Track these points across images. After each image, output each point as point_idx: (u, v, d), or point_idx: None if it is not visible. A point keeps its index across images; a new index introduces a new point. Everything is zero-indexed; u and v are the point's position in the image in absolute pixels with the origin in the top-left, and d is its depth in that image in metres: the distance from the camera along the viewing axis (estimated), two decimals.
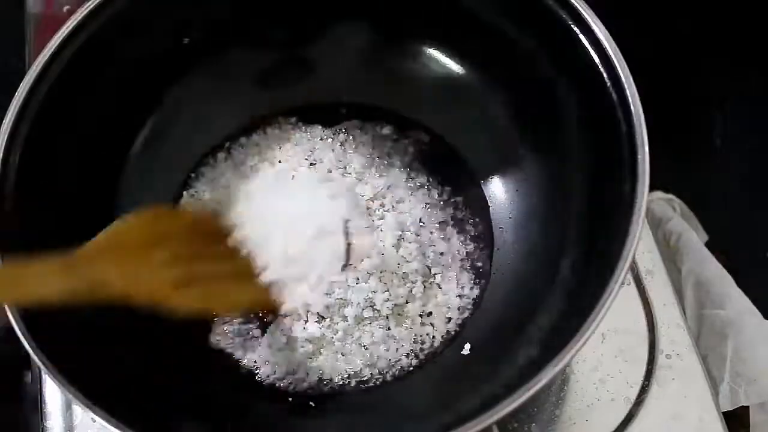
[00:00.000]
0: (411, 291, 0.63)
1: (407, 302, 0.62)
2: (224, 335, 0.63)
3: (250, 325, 0.63)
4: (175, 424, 0.54)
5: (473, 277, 0.65)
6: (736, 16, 1.23)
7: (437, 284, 0.64)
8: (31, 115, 0.57)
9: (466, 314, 0.63)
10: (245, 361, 0.62)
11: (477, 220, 0.67)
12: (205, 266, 0.57)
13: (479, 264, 0.65)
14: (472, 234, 0.67)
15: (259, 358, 0.62)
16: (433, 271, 0.64)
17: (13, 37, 0.83)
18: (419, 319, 0.62)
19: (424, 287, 0.63)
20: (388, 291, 0.62)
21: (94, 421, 0.58)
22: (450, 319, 0.63)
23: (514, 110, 0.68)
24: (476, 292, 0.64)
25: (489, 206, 0.68)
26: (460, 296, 0.63)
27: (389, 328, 0.62)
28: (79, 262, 0.51)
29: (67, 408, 0.63)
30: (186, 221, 0.59)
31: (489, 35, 0.65)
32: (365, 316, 0.61)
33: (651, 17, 1.23)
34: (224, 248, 0.60)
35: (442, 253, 0.65)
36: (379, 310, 0.62)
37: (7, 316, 0.51)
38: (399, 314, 0.62)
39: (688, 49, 1.27)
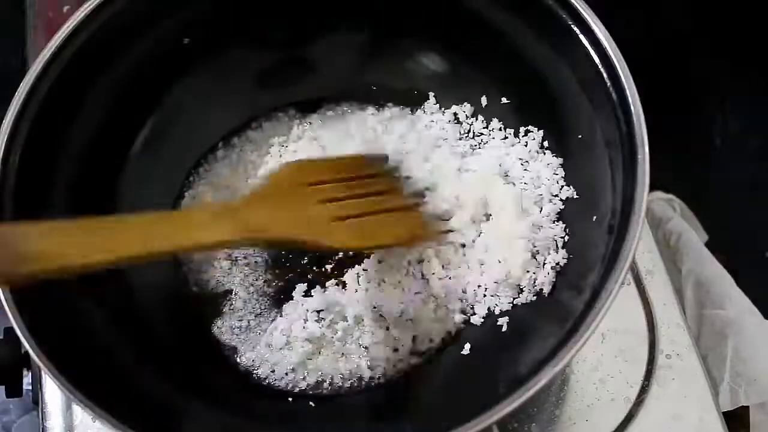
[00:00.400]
0: (411, 291, 0.63)
1: (408, 302, 0.62)
2: (223, 335, 0.63)
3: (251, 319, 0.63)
4: (175, 423, 0.54)
5: None
6: (736, 16, 1.23)
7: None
8: (31, 115, 0.57)
9: (467, 315, 0.63)
10: (245, 360, 0.62)
11: None
12: (360, 204, 0.58)
13: None
14: None
15: (259, 358, 0.62)
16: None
17: (13, 37, 0.83)
18: (419, 319, 0.62)
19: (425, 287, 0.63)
20: (389, 290, 0.62)
21: (94, 421, 0.58)
22: (450, 319, 0.63)
23: (513, 110, 0.68)
24: None
25: None
26: (461, 299, 0.63)
27: (389, 328, 0.62)
28: (240, 209, 0.53)
29: (67, 408, 0.63)
30: (334, 165, 0.61)
31: (488, 35, 0.65)
32: (365, 315, 0.61)
33: (651, 17, 1.23)
34: (378, 183, 0.61)
35: None
36: (379, 310, 0.62)
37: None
38: (399, 314, 0.62)
39: (689, 49, 1.27)
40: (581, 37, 0.57)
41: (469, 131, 0.70)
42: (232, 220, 0.52)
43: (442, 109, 0.71)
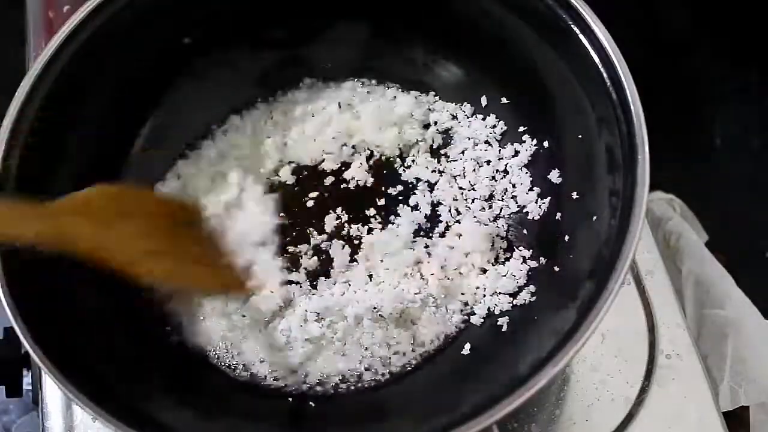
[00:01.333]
0: (411, 291, 0.63)
1: (408, 302, 0.62)
2: (223, 335, 0.63)
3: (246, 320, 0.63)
4: (176, 424, 0.54)
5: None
6: (736, 16, 1.23)
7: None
8: (31, 115, 0.57)
9: (467, 315, 0.63)
10: (245, 361, 0.62)
11: None
12: (173, 244, 0.59)
13: None
14: None
15: (259, 359, 0.62)
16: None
17: (13, 37, 0.83)
18: (419, 319, 0.62)
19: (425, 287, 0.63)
20: (388, 291, 0.63)
21: (94, 421, 0.58)
22: (450, 319, 0.63)
23: (513, 109, 0.68)
24: None
25: None
26: (460, 299, 0.63)
27: (389, 329, 0.62)
28: (56, 211, 0.54)
29: (67, 408, 0.63)
30: (153, 202, 0.62)
31: (488, 35, 0.65)
32: (365, 316, 0.61)
33: (651, 17, 1.23)
34: (194, 233, 0.63)
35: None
36: (379, 311, 0.62)
37: None
38: (399, 314, 0.62)
39: (689, 49, 1.27)
40: (581, 37, 0.57)
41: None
42: (47, 220, 0.53)
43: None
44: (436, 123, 0.71)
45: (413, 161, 0.69)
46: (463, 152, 0.69)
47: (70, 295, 0.57)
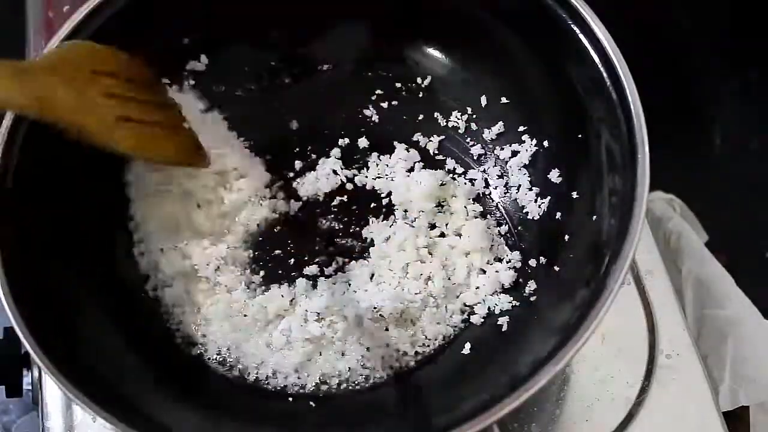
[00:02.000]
0: (412, 291, 0.63)
1: (408, 302, 0.62)
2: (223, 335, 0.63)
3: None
4: (176, 424, 0.54)
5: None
6: (736, 16, 1.23)
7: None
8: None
9: (467, 315, 0.63)
10: (245, 361, 0.62)
11: None
12: (140, 109, 0.58)
13: None
14: None
15: (259, 359, 0.62)
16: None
17: (13, 38, 0.83)
18: (419, 319, 0.62)
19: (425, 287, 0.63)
20: (389, 291, 0.63)
21: (94, 421, 0.58)
22: (450, 319, 0.63)
23: (512, 109, 0.68)
24: None
25: None
26: (460, 300, 0.63)
27: (389, 329, 0.62)
28: (31, 71, 0.52)
29: (67, 408, 0.63)
30: (122, 60, 0.59)
31: (488, 35, 0.66)
32: (365, 316, 0.61)
33: (650, 17, 1.23)
34: (156, 98, 0.61)
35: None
36: (379, 311, 0.62)
37: None
38: (399, 314, 0.62)
39: (689, 49, 1.27)
40: (581, 37, 0.57)
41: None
42: (22, 82, 0.51)
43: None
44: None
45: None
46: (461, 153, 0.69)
47: (70, 295, 0.57)
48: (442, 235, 0.66)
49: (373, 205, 0.68)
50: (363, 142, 0.70)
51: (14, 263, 0.53)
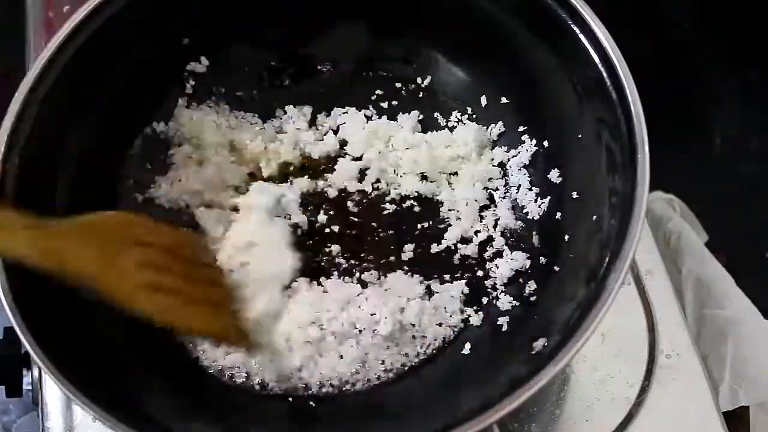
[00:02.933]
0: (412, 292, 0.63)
1: (407, 303, 0.62)
2: None
3: None
4: (177, 424, 0.54)
5: None
6: (736, 16, 1.23)
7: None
8: (32, 115, 0.57)
9: (467, 315, 0.63)
10: (245, 363, 0.62)
11: None
12: (178, 282, 0.55)
13: None
14: None
15: (258, 361, 0.61)
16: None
17: (13, 37, 0.83)
18: (419, 320, 0.62)
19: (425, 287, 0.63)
20: (388, 293, 0.63)
21: (94, 421, 0.58)
22: (450, 319, 0.63)
23: (513, 110, 0.68)
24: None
25: None
26: (460, 299, 0.63)
27: (389, 329, 0.62)
28: (56, 231, 0.51)
29: (67, 408, 0.63)
30: (166, 237, 0.58)
31: (488, 35, 0.65)
32: (365, 317, 0.61)
33: (651, 17, 1.23)
34: (203, 272, 0.59)
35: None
36: (378, 312, 0.62)
37: None
38: (399, 315, 0.62)
39: (688, 49, 1.27)
40: (581, 37, 0.57)
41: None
42: (46, 239, 0.50)
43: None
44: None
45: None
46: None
47: (70, 295, 0.57)
48: (442, 236, 0.66)
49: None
50: None
51: (14, 263, 0.53)
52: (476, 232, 0.65)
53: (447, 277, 0.64)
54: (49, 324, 0.52)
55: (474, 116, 0.70)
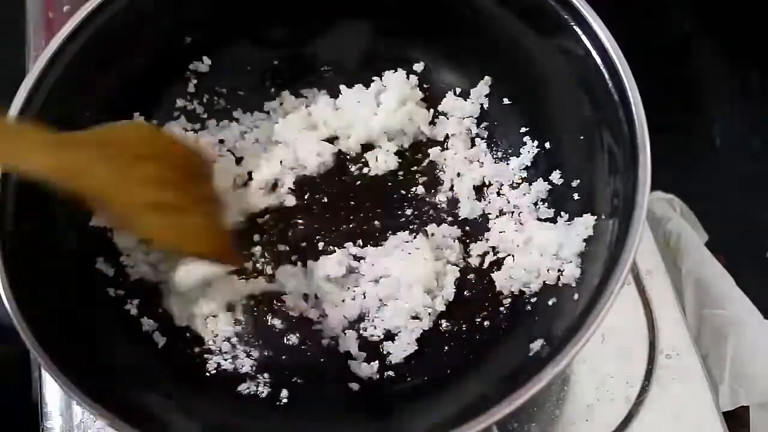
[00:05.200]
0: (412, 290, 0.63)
1: (407, 301, 0.62)
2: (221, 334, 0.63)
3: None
4: (176, 423, 0.54)
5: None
6: (736, 16, 1.23)
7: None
8: (32, 115, 0.57)
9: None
10: (243, 359, 0.62)
11: None
12: (178, 199, 0.56)
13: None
14: None
15: (256, 357, 0.62)
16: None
17: (13, 37, 0.83)
18: (418, 319, 0.62)
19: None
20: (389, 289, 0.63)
21: (95, 421, 0.58)
22: (449, 319, 0.63)
23: (513, 110, 0.68)
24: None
25: None
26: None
27: (388, 328, 0.62)
28: (70, 143, 0.52)
29: (67, 408, 0.63)
30: (172, 146, 0.59)
31: (490, 35, 0.65)
32: (364, 314, 0.61)
33: (651, 17, 1.23)
34: (200, 190, 0.60)
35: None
36: (379, 308, 0.62)
37: None
38: (399, 313, 0.62)
39: (689, 49, 1.27)
40: (582, 37, 0.57)
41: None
42: (60, 150, 0.50)
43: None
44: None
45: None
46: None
47: (70, 295, 0.57)
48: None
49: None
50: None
51: (14, 263, 0.53)
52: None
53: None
54: (49, 324, 0.52)
55: (474, 116, 0.70)
